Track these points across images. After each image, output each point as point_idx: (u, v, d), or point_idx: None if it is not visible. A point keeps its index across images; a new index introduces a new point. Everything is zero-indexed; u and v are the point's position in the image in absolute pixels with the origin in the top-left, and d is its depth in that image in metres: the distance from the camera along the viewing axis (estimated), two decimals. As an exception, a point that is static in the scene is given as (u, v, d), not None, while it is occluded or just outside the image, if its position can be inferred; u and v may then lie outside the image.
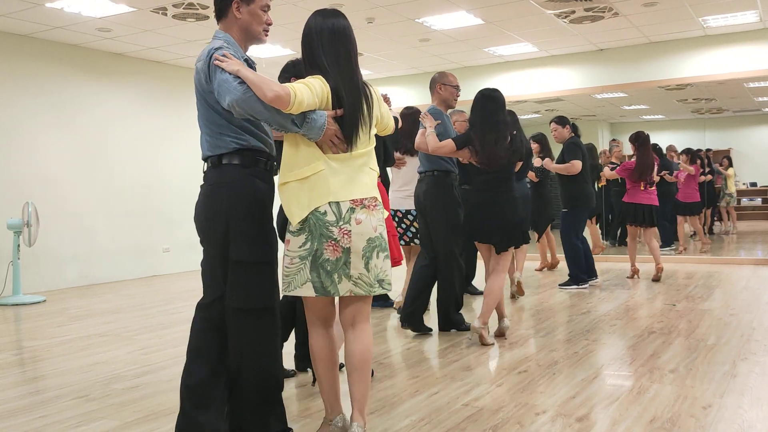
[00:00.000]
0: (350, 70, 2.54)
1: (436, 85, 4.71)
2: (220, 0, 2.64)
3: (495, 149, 4.13)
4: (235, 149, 2.61)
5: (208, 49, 2.55)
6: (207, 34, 7.86)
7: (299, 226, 2.48)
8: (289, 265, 2.52)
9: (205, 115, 2.65)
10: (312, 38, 2.56)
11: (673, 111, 11.14)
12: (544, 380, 3.52)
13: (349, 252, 2.46)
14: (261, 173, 2.65)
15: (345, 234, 2.46)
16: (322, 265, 2.46)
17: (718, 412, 2.96)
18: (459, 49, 8.94)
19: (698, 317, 5.11)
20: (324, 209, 2.46)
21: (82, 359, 4.33)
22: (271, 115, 2.42)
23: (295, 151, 2.51)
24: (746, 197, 11.71)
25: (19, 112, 7.70)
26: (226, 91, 2.43)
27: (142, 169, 9.07)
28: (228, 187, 2.61)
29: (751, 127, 11.21)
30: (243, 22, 2.64)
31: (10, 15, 6.94)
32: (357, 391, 2.53)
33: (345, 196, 2.47)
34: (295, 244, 2.50)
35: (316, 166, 2.47)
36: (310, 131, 2.45)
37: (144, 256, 9.04)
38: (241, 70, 2.41)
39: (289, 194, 2.50)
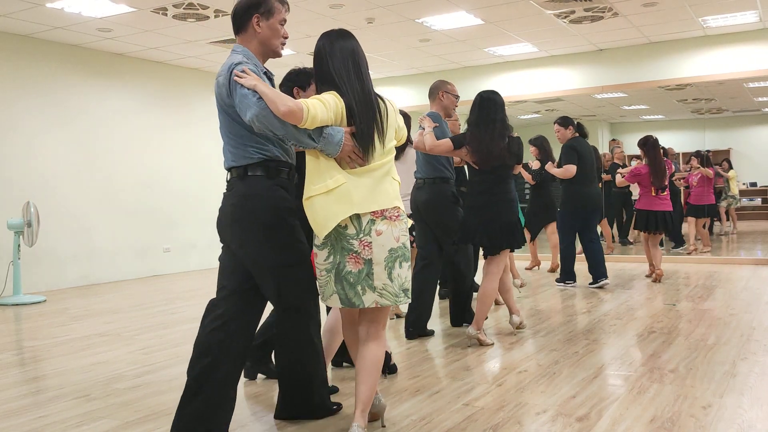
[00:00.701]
0: (362, 84, 2.62)
1: (438, 92, 4.74)
2: (241, 15, 2.74)
3: (490, 147, 4.15)
4: (259, 160, 2.70)
5: (228, 65, 2.64)
6: (207, 34, 7.86)
7: (322, 241, 2.58)
8: (319, 278, 2.65)
9: (227, 126, 2.74)
10: (323, 58, 2.66)
11: (673, 111, 11.15)
12: (544, 380, 3.52)
13: (371, 263, 2.52)
14: (284, 183, 2.76)
15: (366, 246, 2.52)
16: (345, 278, 2.55)
17: (718, 411, 2.96)
18: (459, 49, 8.94)
19: (698, 317, 5.11)
20: (344, 223, 2.52)
21: (82, 359, 4.33)
22: (288, 130, 2.50)
23: (317, 165, 2.57)
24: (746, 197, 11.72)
25: (19, 112, 7.70)
26: (246, 107, 2.53)
27: (143, 169, 9.07)
28: (256, 200, 2.70)
29: (751, 127, 11.22)
30: (262, 37, 2.75)
31: (10, 15, 6.95)
32: (362, 392, 2.57)
33: (367, 208, 2.52)
34: (321, 257, 2.60)
35: (338, 179, 2.53)
36: (328, 146, 2.52)
37: (144, 256, 9.05)
38: (258, 85, 2.51)
39: (314, 209, 2.54)
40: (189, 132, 9.78)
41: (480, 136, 4.19)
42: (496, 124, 4.19)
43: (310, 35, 8.03)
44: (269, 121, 2.50)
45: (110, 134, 8.67)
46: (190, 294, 7.26)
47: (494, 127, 4.18)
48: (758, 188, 11.50)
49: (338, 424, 2.94)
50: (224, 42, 8.28)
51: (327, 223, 2.51)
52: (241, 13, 2.75)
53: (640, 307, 5.62)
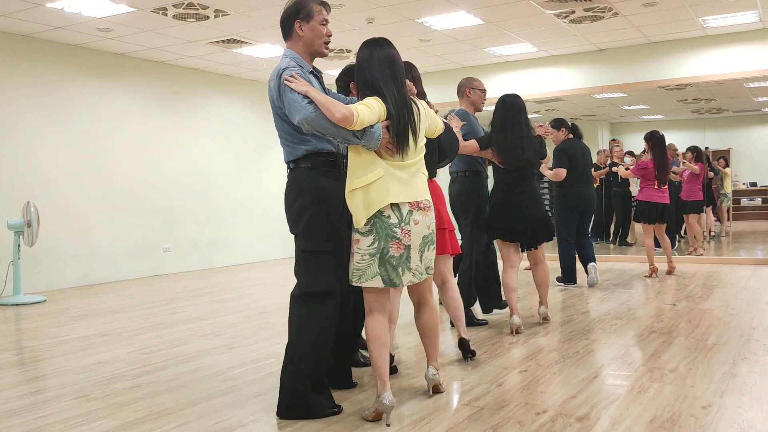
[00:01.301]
0: (399, 90, 2.95)
1: (465, 90, 4.98)
2: (285, 22, 3.04)
3: (515, 149, 4.42)
4: (306, 154, 3.00)
5: (277, 70, 2.92)
6: (207, 34, 7.86)
7: (367, 229, 2.88)
8: (360, 261, 2.92)
9: (280, 126, 3.05)
10: (364, 66, 2.97)
11: (672, 111, 11.14)
12: (544, 380, 3.52)
13: (410, 248, 2.93)
14: (328, 172, 3.03)
15: (406, 233, 2.91)
16: (388, 261, 2.90)
17: (718, 411, 2.96)
18: (459, 49, 8.94)
19: (698, 317, 5.11)
20: (388, 213, 2.88)
21: (82, 359, 4.33)
22: (337, 130, 2.80)
23: (358, 161, 2.91)
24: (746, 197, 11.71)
25: (19, 112, 7.70)
26: (296, 111, 2.82)
27: (143, 169, 9.07)
28: (299, 190, 3.00)
29: (751, 127, 11.22)
30: (306, 39, 3.02)
31: (11, 15, 6.95)
32: (431, 349, 3.19)
33: (404, 198, 2.90)
34: (365, 243, 2.90)
35: (378, 173, 2.88)
36: (369, 142, 2.85)
37: (144, 256, 9.05)
38: (310, 91, 2.80)
39: (355, 200, 2.89)
40: (189, 132, 9.78)
41: (505, 138, 4.45)
42: (521, 126, 4.46)
43: (310, 35, 8.02)
44: (318, 124, 2.78)
45: (110, 134, 8.68)
46: (190, 294, 7.26)
47: (519, 129, 4.45)
48: (758, 188, 11.49)
49: (339, 424, 2.94)
50: (224, 42, 8.28)
51: (367, 211, 2.86)
52: (285, 20, 3.04)
53: (640, 307, 5.62)
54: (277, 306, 6.26)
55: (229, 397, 3.38)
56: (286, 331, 5.00)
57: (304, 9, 3.00)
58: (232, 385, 3.60)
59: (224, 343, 4.67)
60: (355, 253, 2.93)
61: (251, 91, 10.82)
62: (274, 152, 11.29)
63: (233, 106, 10.52)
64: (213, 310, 6.10)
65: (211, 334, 5.04)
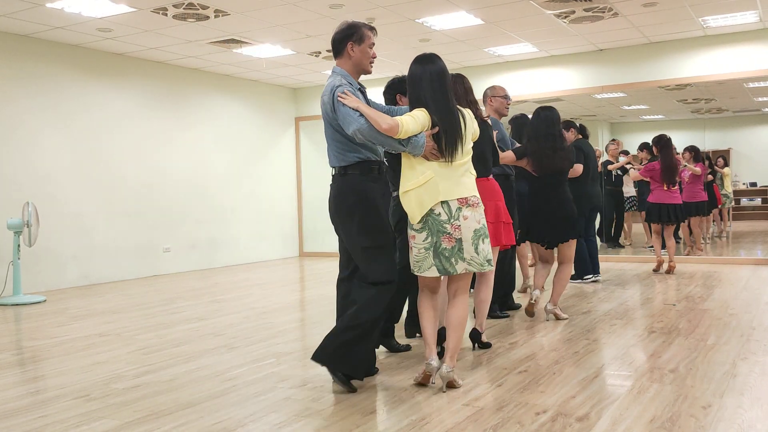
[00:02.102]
0: (447, 102, 3.33)
1: (488, 98, 5.24)
2: (338, 42, 3.45)
3: (548, 159, 4.77)
4: (355, 162, 3.40)
5: (331, 86, 3.36)
6: (207, 34, 7.87)
7: (420, 226, 3.30)
8: (417, 254, 3.35)
9: (332, 135, 3.44)
10: (415, 81, 3.35)
11: (672, 111, 11.14)
12: (544, 380, 3.53)
13: (461, 241, 3.28)
14: (374, 177, 3.44)
15: (456, 228, 3.27)
16: (441, 253, 3.29)
17: (718, 412, 2.96)
18: (459, 49, 8.95)
19: (698, 317, 5.11)
20: (438, 211, 3.26)
21: (82, 359, 4.34)
22: (385, 139, 3.24)
23: (410, 166, 3.33)
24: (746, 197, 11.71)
25: (19, 112, 7.70)
26: (350, 122, 3.24)
27: (143, 169, 9.07)
28: (350, 193, 3.41)
29: (751, 127, 11.22)
30: (355, 59, 3.44)
31: (10, 15, 6.95)
32: (451, 343, 3.38)
33: (453, 195, 3.27)
34: (420, 239, 3.32)
35: (428, 175, 3.28)
36: (414, 149, 3.27)
37: (144, 256, 9.05)
38: (361, 106, 3.23)
39: (409, 200, 3.32)
40: (189, 132, 9.78)
41: (540, 148, 4.78)
42: (555, 138, 4.81)
43: (310, 35, 8.03)
44: (369, 134, 3.21)
45: (110, 134, 8.68)
46: (190, 294, 7.26)
47: (553, 140, 4.80)
48: (758, 188, 11.49)
49: (340, 423, 2.94)
50: (224, 42, 8.29)
51: (421, 209, 3.27)
52: (338, 41, 3.44)
53: (640, 307, 5.62)
54: (277, 306, 6.26)
55: (229, 397, 3.38)
56: (285, 331, 5.03)
57: (357, 33, 3.42)
58: (232, 385, 3.60)
59: (224, 343, 4.67)
60: (413, 248, 3.35)
61: (251, 91, 10.82)
62: (274, 152, 11.29)
63: (233, 106, 10.52)
64: (213, 310, 6.10)
65: (211, 334, 5.04)
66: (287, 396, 3.37)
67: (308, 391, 3.44)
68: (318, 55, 9.09)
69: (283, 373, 3.83)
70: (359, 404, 3.20)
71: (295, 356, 4.23)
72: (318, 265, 9.98)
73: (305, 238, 11.80)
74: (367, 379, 3.62)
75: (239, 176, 10.60)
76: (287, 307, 6.20)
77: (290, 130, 11.58)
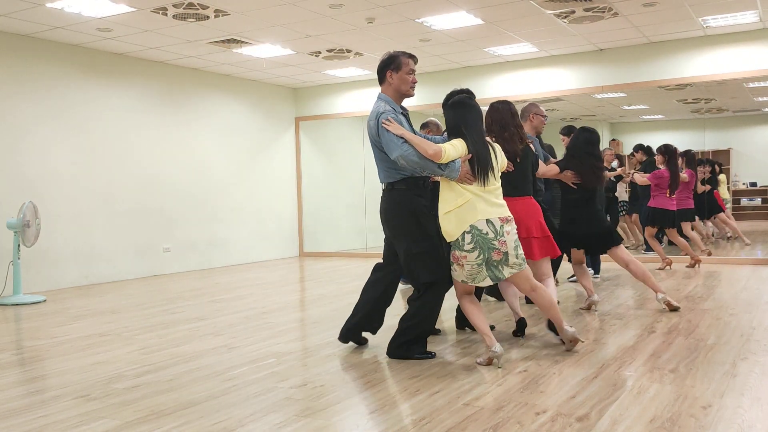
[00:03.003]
0: (481, 135, 3.88)
1: (529, 115, 5.46)
2: (380, 71, 3.99)
3: (593, 175, 5.26)
4: (400, 178, 3.91)
5: (376, 113, 3.84)
6: (207, 34, 7.86)
7: (471, 247, 3.75)
8: (470, 270, 3.82)
9: (378, 156, 3.94)
10: (459, 118, 3.86)
11: (672, 111, 11.14)
12: (544, 380, 3.53)
13: (507, 253, 3.81)
14: (420, 191, 3.96)
15: (503, 243, 3.79)
16: (492, 265, 3.81)
17: (718, 412, 2.96)
18: (459, 49, 8.94)
19: (698, 317, 5.11)
20: (486, 231, 3.75)
21: (82, 359, 4.34)
22: (426, 164, 3.70)
23: (450, 190, 3.81)
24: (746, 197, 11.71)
25: (19, 112, 7.70)
26: (393, 148, 3.73)
27: (143, 169, 9.07)
28: (398, 206, 3.95)
29: (751, 127, 11.21)
30: (395, 85, 3.94)
31: (10, 15, 6.95)
32: (555, 319, 4.09)
33: (495, 215, 3.79)
34: (472, 257, 3.78)
35: (466, 196, 3.77)
36: (451, 173, 3.73)
37: (144, 256, 9.05)
38: (405, 134, 3.73)
39: (449, 220, 3.79)
40: (189, 132, 9.78)
41: (585, 165, 5.23)
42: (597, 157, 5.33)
43: (310, 35, 8.03)
44: (411, 159, 3.69)
45: (110, 134, 8.68)
46: (190, 294, 7.26)
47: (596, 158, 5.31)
48: (758, 188, 11.48)
49: (341, 423, 2.94)
50: (224, 42, 8.29)
51: (459, 228, 3.75)
52: (379, 69, 3.99)
53: (640, 307, 5.62)
54: (277, 306, 6.27)
55: (229, 397, 3.38)
56: (285, 331, 5.05)
57: (395, 62, 3.93)
58: (232, 385, 3.60)
59: (224, 343, 4.67)
60: (465, 265, 3.80)
61: (251, 91, 10.82)
62: (274, 152, 11.30)
63: (233, 106, 10.52)
64: (213, 310, 6.10)
65: (211, 334, 5.04)
66: (287, 396, 3.37)
67: (308, 391, 3.44)
68: (318, 55, 9.09)
69: (283, 373, 3.83)
70: (359, 404, 3.20)
71: (295, 356, 4.23)
72: (318, 265, 9.98)
73: (305, 238, 11.80)
74: (367, 378, 3.63)
75: (239, 176, 10.60)
76: (287, 307, 6.21)
77: (290, 130, 11.58)
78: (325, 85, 11.40)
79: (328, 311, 5.88)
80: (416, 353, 4.03)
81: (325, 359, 4.13)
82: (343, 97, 11.27)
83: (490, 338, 3.83)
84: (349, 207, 12.28)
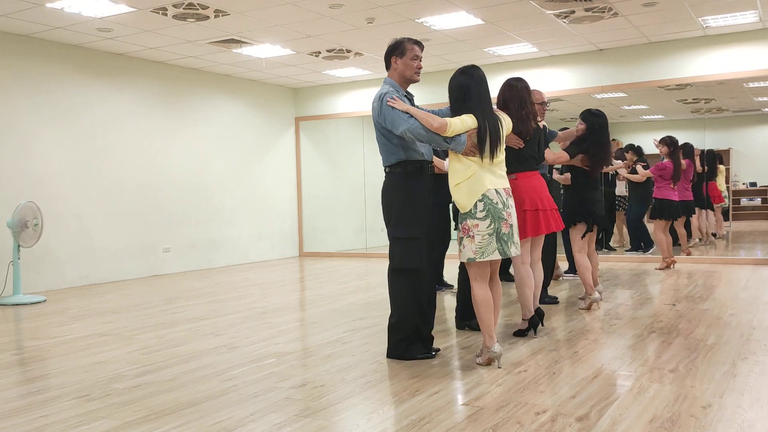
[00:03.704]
0: (489, 108, 3.85)
1: None
2: (386, 57, 4.02)
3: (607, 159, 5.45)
4: (399, 161, 3.88)
5: (379, 94, 3.86)
6: (207, 34, 7.86)
7: (484, 214, 3.69)
8: (481, 241, 3.71)
9: (378, 138, 3.93)
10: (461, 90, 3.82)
11: (672, 111, 11.14)
12: (544, 380, 3.53)
13: (513, 227, 3.81)
14: (416, 176, 3.90)
15: (509, 215, 3.78)
16: (501, 238, 3.74)
17: (718, 412, 2.96)
18: (459, 49, 8.94)
19: (698, 317, 5.11)
20: (495, 200, 3.72)
21: (82, 359, 4.34)
22: (431, 137, 3.71)
23: (458, 163, 3.78)
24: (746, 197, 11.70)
25: (19, 112, 7.70)
26: (399, 123, 3.73)
27: (143, 169, 9.07)
28: (393, 188, 3.91)
29: (751, 127, 11.21)
30: (400, 70, 3.96)
31: (10, 15, 6.95)
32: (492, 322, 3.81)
33: (499, 185, 3.78)
34: (483, 226, 3.71)
35: (473, 168, 3.74)
36: (457, 146, 3.73)
37: (144, 256, 9.05)
38: (411, 109, 3.74)
39: (460, 191, 3.75)
40: (189, 132, 9.78)
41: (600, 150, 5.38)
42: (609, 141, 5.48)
43: (309, 35, 8.03)
44: (417, 132, 3.69)
45: (110, 134, 8.68)
46: (190, 294, 7.26)
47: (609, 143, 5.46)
48: (758, 188, 11.48)
49: (339, 423, 2.94)
50: (224, 42, 8.28)
51: (471, 198, 3.71)
52: (386, 55, 4.01)
53: (640, 307, 5.62)
54: (277, 306, 6.26)
55: (229, 397, 3.38)
56: (285, 331, 5.04)
57: (400, 47, 3.95)
58: (232, 385, 3.60)
59: (224, 343, 4.67)
60: (476, 236, 3.70)
61: (251, 91, 10.82)
62: (274, 152, 11.29)
63: (233, 106, 10.52)
64: (213, 310, 6.10)
65: (211, 334, 5.04)
66: (287, 396, 3.37)
67: (308, 391, 3.44)
68: (318, 55, 9.09)
69: (283, 373, 3.83)
70: (359, 404, 3.20)
71: (295, 356, 4.23)
72: (318, 265, 9.98)
73: (305, 238, 11.80)
74: (367, 379, 3.62)
75: (239, 176, 10.60)
76: (287, 307, 6.20)
77: (290, 130, 11.58)
78: (325, 85, 11.40)
79: (328, 311, 5.88)
80: (417, 353, 3.99)
81: (325, 359, 4.13)
82: (343, 97, 11.27)
83: (491, 338, 3.77)
84: (349, 207, 12.28)
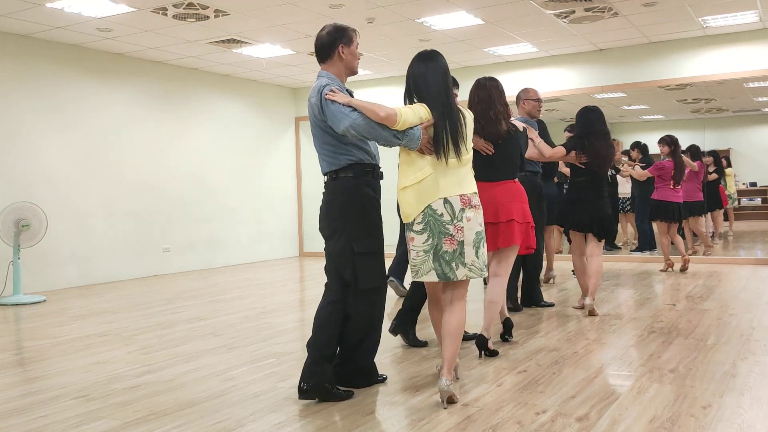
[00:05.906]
0: (448, 99, 3.18)
1: (521, 101, 5.49)
2: (328, 45, 3.35)
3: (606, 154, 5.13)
4: (348, 164, 3.26)
5: (317, 87, 3.25)
6: (207, 34, 7.86)
7: (421, 227, 3.12)
8: (416, 257, 3.16)
9: (321, 139, 3.31)
10: (417, 78, 3.22)
11: (672, 111, 11.14)
12: (544, 380, 3.53)
13: (464, 244, 3.11)
14: (369, 182, 3.32)
15: (459, 230, 3.10)
16: (442, 257, 3.11)
17: (717, 411, 2.96)
18: (459, 49, 8.94)
19: (698, 317, 5.11)
20: (441, 211, 3.09)
21: (82, 359, 4.34)
22: (379, 133, 3.09)
23: (409, 162, 3.17)
24: (746, 197, 11.71)
25: (19, 112, 7.70)
26: (341, 119, 3.10)
27: (143, 169, 9.07)
28: (344, 197, 3.27)
29: (751, 127, 11.22)
30: (346, 61, 3.37)
31: (10, 15, 6.95)
32: (448, 354, 3.13)
33: (454, 192, 3.10)
34: (419, 240, 3.13)
35: (426, 171, 3.12)
36: (410, 142, 3.12)
37: (144, 256, 9.05)
38: (353, 101, 3.12)
39: (407, 197, 3.15)
40: (189, 132, 9.78)
41: (598, 145, 5.13)
42: (608, 135, 5.20)
43: (309, 35, 8.03)
44: (363, 128, 3.07)
45: (110, 134, 8.67)
46: (190, 294, 7.26)
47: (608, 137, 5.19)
48: (758, 188, 11.49)
49: (339, 423, 2.94)
50: (224, 42, 8.28)
51: (419, 206, 3.11)
52: (328, 44, 3.35)
53: (640, 307, 5.62)
54: (276, 306, 6.26)
55: (229, 397, 3.38)
56: (285, 331, 5.03)
57: (346, 35, 3.35)
58: (232, 385, 3.60)
59: (224, 343, 4.67)
60: (412, 250, 3.18)
61: (251, 91, 10.82)
62: (274, 152, 11.29)
63: (233, 106, 10.52)
64: (213, 310, 6.10)
65: (211, 334, 5.04)
66: (287, 396, 3.37)
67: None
68: (318, 55, 9.08)
69: (283, 373, 3.82)
70: (359, 404, 3.20)
71: (295, 356, 4.23)
72: (318, 265, 9.98)
73: (305, 238, 11.80)
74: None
75: (239, 176, 10.60)
76: (287, 307, 6.20)
77: (290, 130, 11.58)
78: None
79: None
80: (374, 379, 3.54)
81: (325, 359, 4.13)
82: (343, 97, 11.25)
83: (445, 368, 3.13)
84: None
